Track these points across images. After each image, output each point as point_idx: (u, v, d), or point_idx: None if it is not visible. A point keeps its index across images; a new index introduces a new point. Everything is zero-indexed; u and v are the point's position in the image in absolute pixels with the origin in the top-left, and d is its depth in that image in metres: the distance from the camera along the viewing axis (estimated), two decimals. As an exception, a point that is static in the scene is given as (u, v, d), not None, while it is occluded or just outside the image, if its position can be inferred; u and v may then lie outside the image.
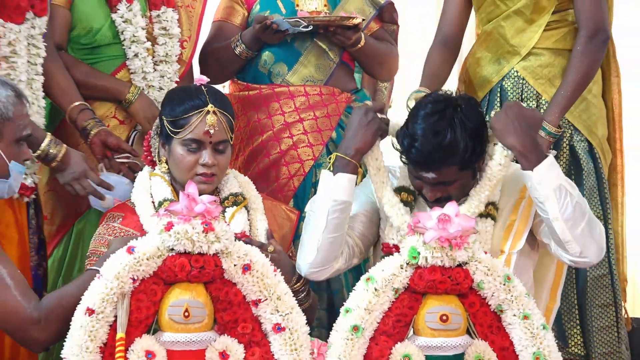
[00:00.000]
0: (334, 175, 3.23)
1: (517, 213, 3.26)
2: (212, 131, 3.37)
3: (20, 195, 3.39)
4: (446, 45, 4.02)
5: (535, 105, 3.81)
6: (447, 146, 3.18)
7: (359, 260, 3.36)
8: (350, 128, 3.37)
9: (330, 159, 3.41)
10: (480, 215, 3.22)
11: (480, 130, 3.24)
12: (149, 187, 3.49)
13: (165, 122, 3.44)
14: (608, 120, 3.98)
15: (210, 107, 3.39)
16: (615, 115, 4.00)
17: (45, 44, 3.78)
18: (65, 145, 3.64)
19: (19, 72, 3.59)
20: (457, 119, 3.22)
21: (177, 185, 3.41)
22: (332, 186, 3.21)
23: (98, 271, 3.04)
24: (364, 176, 3.61)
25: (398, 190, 3.37)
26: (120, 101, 3.90)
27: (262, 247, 3.23)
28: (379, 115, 3.43)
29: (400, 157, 3.42)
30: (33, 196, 3.57)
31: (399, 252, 3.10)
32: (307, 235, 3.27)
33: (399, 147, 3.35)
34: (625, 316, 4.05)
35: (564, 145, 3.85)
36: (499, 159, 3.24)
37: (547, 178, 3.04)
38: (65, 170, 3.62)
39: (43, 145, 3.56)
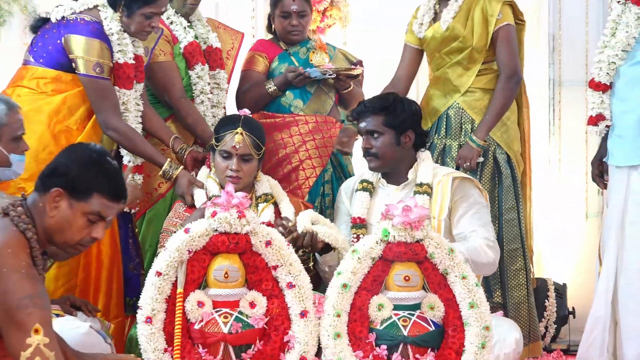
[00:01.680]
0: None
1: (442, 193, 3.78)
2: (237, 146, 3.93)
3: None
4: (395, 87, 4.49)
5: (470, 128, 4.33)
6: (383, 102, 3.83)
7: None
8: None
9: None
10: (420, 192, 3.76)
11: (409, 114, 3.85)
12: (204, 185, 4.05)
13: (212, 138, 4.04)
14: (521, 140, 4.49)
15: (239, 129, 3.94)
16: (525, 136, 4.51)
17: (142, 101, 4.24)
18: (180, 168, 4.08)
19: (130, 122, 4.07)
20: (398, 100, 3.87)
21: (222, 185, 3.90)
22: None
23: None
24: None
25: (361, 182, 3.96)
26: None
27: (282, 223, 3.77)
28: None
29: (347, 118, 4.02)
30: None
31: (362, 222, 3.78)
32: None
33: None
34: (532, 277, 4.51)
35: (490, 157, 4.37)
36: (427, 163, 3.88)
37: None
38: (175, 185, 4.09)
39: (164, 166, 4.04)
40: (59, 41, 3.99)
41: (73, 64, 3.97)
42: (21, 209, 2.72)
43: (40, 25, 4.11)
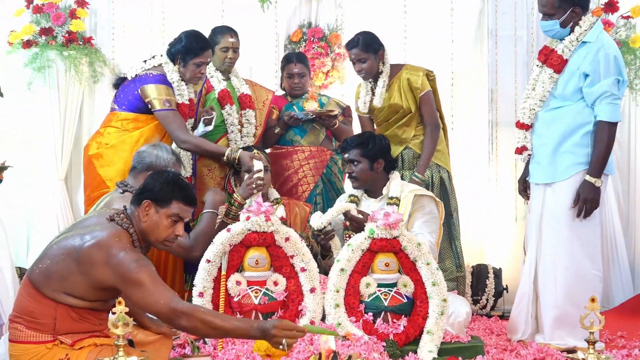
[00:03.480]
0: None
1: (406, 205, 3.77)
2: (262, 167, 3.87)
3: None
4: None
5: (418, 161, 4.34)
6: (360, 139, 3.85)
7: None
8: None
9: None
10: (390, 203, 3.75)
11: (379, 147, 3.83)
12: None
13: (235, 165, 3.99)
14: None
15: (255, 150, 3.98)
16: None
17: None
18: (239, 150, 3.96)
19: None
20: (371, 137, 3.87)
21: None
22: None
23: (212, 213, 3.65)
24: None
25: (350, 196, 3.94)
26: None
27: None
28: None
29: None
30: None
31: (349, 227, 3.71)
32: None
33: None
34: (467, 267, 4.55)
35: (436, 175, 4.38)
36: (396, 181, 3.87)
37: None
38: (239, 163, 3.95)
39: (227, 152, 3.97)
40: (136, 92, 4.00)
41: (149, 106, 3.97)
42: (123, 215, 2.79)
43: (120, 82, 4.13)
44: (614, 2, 4.90)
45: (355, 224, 3.69)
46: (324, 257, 3.88)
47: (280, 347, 2.51)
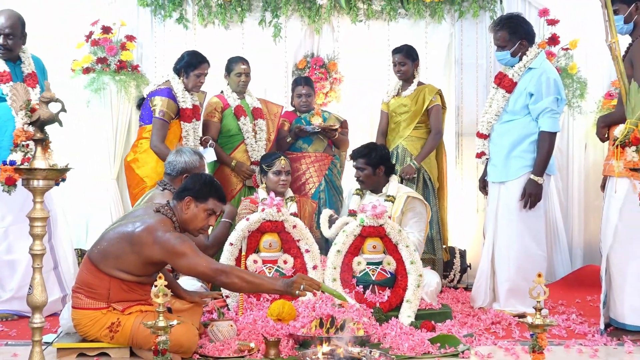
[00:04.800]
0: None
1: (398, 204, 3.73)
2: (284, 167, 3.94)
3: None
4: (383, 134, 4.55)
5: (410, 158, 4.33)
6: (365, 150, 3.80)
7: None
8: None
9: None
10: (387, 200, 3.73)
11: (380, 157, 3.79)
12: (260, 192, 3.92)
13: (263, 166, 3.97)
14: (439, 168, 4.51)
15: (282, 157, 3.96)
16: (443, 166, 4.54)
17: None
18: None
19: (190, 145, 3.98)
20: (373, 148, 3.83)
21: (270, 192, 3.76)
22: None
23: (227, 222, 3.59)
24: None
25: (356, 189, 3.91)
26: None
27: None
28: None
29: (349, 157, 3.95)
30: None
31: (353, 212, 3.67)
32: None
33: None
34: (446, 246, 4.50)
35: (422, 177, 4.36)
36: (394, 183, 3.83)
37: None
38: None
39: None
40: (148, 104, 4.04)
41: (153, 112, 3.99)
42: (167, 207, 2.81)
43: (140, 102, 4.16)
44: (556, 36, 4.93)
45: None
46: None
47: (298, 291, 2.65)
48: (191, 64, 4.05)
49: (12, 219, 3.52)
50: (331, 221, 3.79)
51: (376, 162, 3.81)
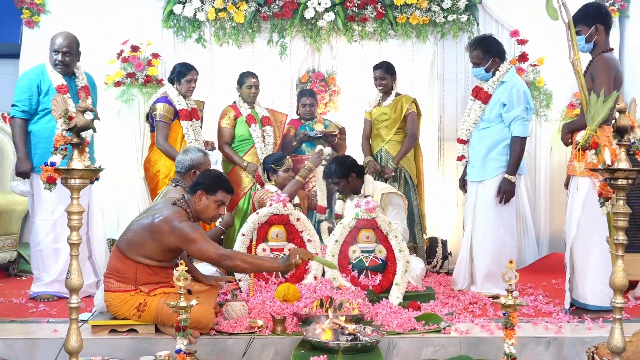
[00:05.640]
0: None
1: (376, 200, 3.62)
2: (291, 166, 3.94)
3: None
4: (367, 139, 4.46)
5: (389, 159, 4.27)
6: (333, 168, 3.72)
7: None
8: None
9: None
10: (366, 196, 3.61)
11: (349, 166, 3.71)
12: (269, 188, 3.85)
13: (272, 166, 3.90)
14: (417, 168, 4.44)
15: (287, 157, 3.95)
16: (420, 166, 4.46)
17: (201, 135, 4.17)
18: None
19: (191, 143, 4.00)
20: (340, 163, 3.74)
21: (278, 188, 3.82)
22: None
23: (220, 229, 3.52)
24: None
25: (339, 195, 3.86)
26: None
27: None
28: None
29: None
30: None
31: (339, 216, 3.67)
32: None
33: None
34: (425, 238, 4.45)
35: (403, 175, 4.31)
36: (368, 183, 3.77)
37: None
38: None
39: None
40: (152, 114, 4.06)
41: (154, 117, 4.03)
42: (182, 201, 2.79)
43: (147, 116, 4.20)
44: (525, 54, 4.92)
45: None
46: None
47: (294, 260, 2.67)
48: (182, 72, 4.09)
49: (61, 212, 3.50)
50: (330, 230, 3.75)
51: (345, 173, 3.73)
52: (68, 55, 3.55)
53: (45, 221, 3.50)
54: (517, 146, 3.60)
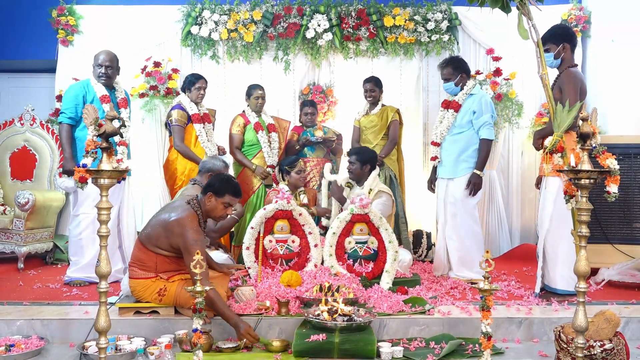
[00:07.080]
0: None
1: (371, 195, 3.63)
2: (302, 167, 3.92)
3: None
4: (357, 143, 4.39)
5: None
6: (358, 150, 3.74)
7: None
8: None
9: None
10: (368, 192, 3.63)
11: (367, 157, 3.71)
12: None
13: (286, 167, 3.88)
14: (399, 168, 4.40)
15: (300, 160, 3.94)
16: (402, 166, 4.43)
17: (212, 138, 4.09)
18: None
19: (205, 145, 3.96)
20: (364, 151, 3.77)
21: (291, 187, 3.83)
22: None
23: (234, 218, 3.45)
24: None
25: (347, 183, 3.80)
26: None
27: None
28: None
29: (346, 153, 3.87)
30: None
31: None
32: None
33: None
34: (409, 232, 4.38)
35: (387, 173, 4.26)
36: (371, 179, 3.72)
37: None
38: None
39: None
40: (169, 122, 4.04)
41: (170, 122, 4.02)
42: (195, 201, 2.75)
43: (167, 120, 4.14)
44: (499, 69, 4.88)
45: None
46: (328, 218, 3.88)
47: (240, 336, 2.44)
48: (192, 81, 4.08)
49: None
50: (332, 170, 3.84)
51: (364, 161, 3.74)
52: (110, 69, 3.60)
53: (87, 214, 3.52)
54: (485, 147, 3.64)
